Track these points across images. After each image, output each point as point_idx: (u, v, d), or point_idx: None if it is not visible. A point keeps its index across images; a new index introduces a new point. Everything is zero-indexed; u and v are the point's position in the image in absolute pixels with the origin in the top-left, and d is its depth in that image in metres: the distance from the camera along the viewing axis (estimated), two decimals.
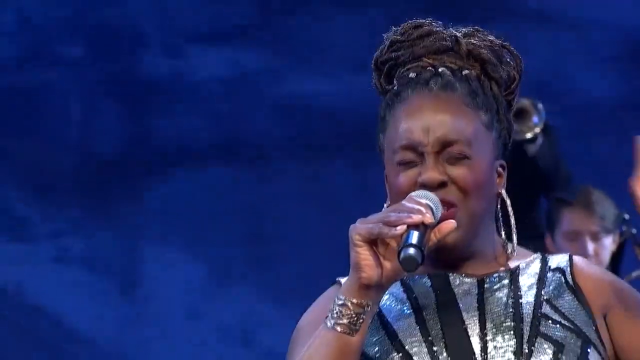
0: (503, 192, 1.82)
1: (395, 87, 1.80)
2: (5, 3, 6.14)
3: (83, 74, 6.17)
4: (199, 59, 6.09)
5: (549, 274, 1.85)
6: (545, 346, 1.79)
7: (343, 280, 1.74)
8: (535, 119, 4.52)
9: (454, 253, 1.79)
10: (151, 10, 6.19)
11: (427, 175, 1.74)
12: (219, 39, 6.20)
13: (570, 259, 1.87)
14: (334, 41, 6.01)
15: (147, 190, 5.85)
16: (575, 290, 1.85)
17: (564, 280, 1.85)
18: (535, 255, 1.88)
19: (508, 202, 1.82)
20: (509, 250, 1.84)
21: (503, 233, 1.85)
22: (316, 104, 6.05)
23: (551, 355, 1.78)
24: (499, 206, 1.83)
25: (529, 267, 1.86)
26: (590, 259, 3.85)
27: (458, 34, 1.81)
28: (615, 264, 4.11)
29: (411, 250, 1.63)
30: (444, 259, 1.80)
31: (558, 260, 1.88)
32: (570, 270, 1.86)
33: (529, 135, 4.42)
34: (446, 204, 1.74)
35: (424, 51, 1.80)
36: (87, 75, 6.25)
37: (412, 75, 1.80)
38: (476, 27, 1.84)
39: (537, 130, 4.44)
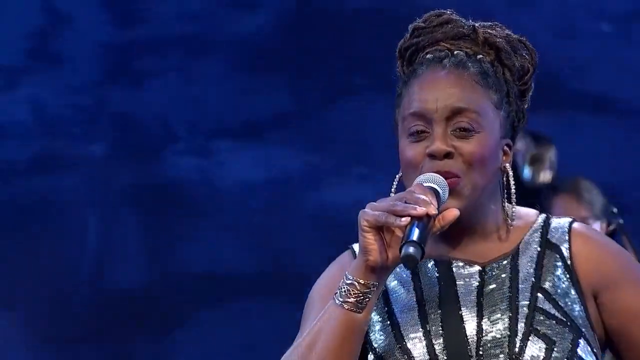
0: (507, 165, 2.00)
1: (412, 68, 2.01)
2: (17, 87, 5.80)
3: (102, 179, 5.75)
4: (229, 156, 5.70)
5: (546, 259, 2.03)
6: (538, 343, 1.98)
7: (355, 246, 1.95)
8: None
9: (458, 223, 1.95)
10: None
11: (435, 146, 1.93)
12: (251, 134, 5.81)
13: (570, 232, 2.03)
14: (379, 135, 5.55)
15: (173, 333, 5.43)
16: (571, 273, 2.03)
17: (561, 262, 2.02)
18: (538, 222, 2.05)
19: (510, 173, 2.01)
20: (510, 214, 2.02)
21: (506, 200, 2.03)
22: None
23: (544, 352, 1.97)
24: (504, 179, 2.01)
25: (529, 246, 2.03)
26: None
27: (476, 24, 2.03)
28: None
29: (411, 249, 1.82)
30: (449, 231, 1.97)
31: (558, 233, 2.04)
32: (569, 246, 2.02)
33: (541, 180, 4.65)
34: (450, 174, 1.93)
35: (442, 36, 2.02)
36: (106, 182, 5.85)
37: (429, 56, 2.00)
38: (496, 22, 2.06)
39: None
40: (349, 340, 1.98)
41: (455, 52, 2.03)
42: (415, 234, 1.86)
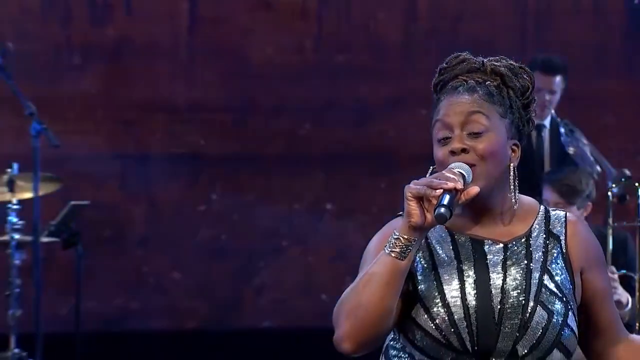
0: (512, 165, 2.59)
1: (438, 96, 2.65)
2: None
3: None
4: None
5: (550, 245, 2.64)
6: (542, 313, 2.56)
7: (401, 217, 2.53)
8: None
9: (477, 202, 2.54)
10: None
11: (454, 145, 2.54)
12: None
13: (565, 223, 2.67)
14: None
15: None
16: (566, 258, 2.64)
17: (560, 250, 2.64)
18: (540, 213, 2.67)
19: (514, 172, 2.60)
20: (514, 200, 2.61)
21: (512, 192, 2.62)
22: None
23: (545, 320, 2.55)
24: (511, 176, 2.60)
25: (538, 234, 2.64)
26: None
27: (485, 59, 2.63)
28: None
29: (442, 210, 2.42)
30: (476, 213, 2.59)
31: (557, 225, 2.67)
32: (565, 238, 2.66)
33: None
34: (468, 164, 2.53)
35: (459, 72, 2.63)
36: None
37: (449, 86, 2.63)
38: (502, 56, 2.68)
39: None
40: (393, 281, 2.51)
41: (469, 82, 2.60)
42: (446, 200, 2.42)
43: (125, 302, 8.12)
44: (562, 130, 6.38)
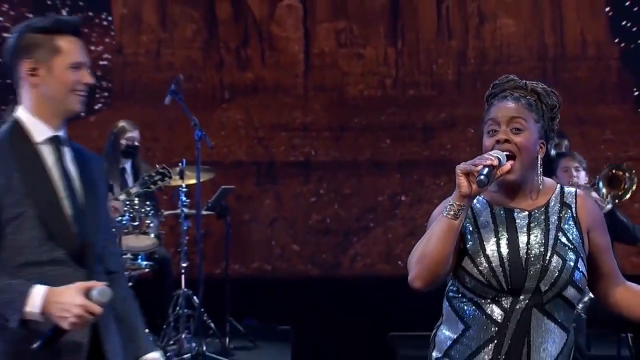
0: (540, 156, 2.86)
1: (490, 103, 2.91)
2: None
3: None
4: None
5: (563, 211, 2.88)
6: (558, 258, 2.81)
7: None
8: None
9: (514, 183, 2.84)
10: None
11: (500, 136, 2.81)
12: None
13: (575, 196, 2.93)
14: None
15: None
16: (576, 221, 2.89)
17: (571, 215, 2.89)
18: (557, 189, 2.93)
19: (540, 161, 2.88)
20: (539, 181, 2.87)
21: (538, 175, 2.88)
22: None
23: (560, 265, 2.80)
24: (539, 163, 2.86)
25: (555, 204, 2.89)
26: (573, 179, 5.77)
27: (527, 82, 2.91)
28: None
29: (482, 177, 2.69)
30: (510, 191, 2.86)
31: (569, 197, 2.92)
32: (575, 206, 2.91)
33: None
34: (509, 155, 2.79)
35: (507, 87, 2.90)
36: None
37: (500, 96, 2.89)
38: (539, 81, 2.95)
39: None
40: (449, 236, 2.75)
41: (514, 94, 2.87)
42: (485, 172, 2.70)
43: (258, 267, 8.94)
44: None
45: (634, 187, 5.91)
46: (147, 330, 3.58)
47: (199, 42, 9.21)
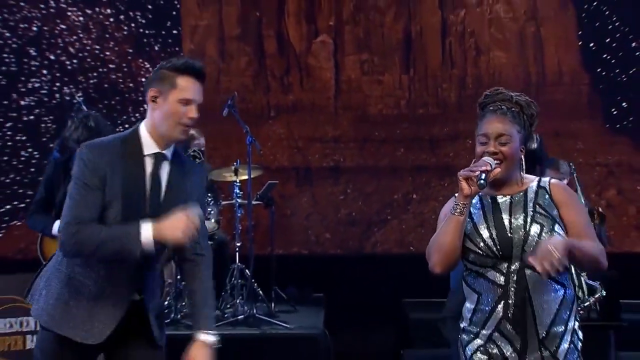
0: (522, 157, 3.24)
1: (483, 113, 3.29)
2: None
3: None
4: None
5: (540, 192, 3.25)
6: (536, 226, 3.21)
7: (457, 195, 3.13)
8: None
9: (501, 180, 3.25)
10: None
11: (489, 149, 3.20)
12: None
13: (549, 183, 3.29)
14: None
15: None
16: (551, 198, 3.27)
17: (546, 193, 3.26)
18: (535, 181, 3.29)
19: (522, 162, 3.26)
20: (523, 176, 3.25)
21: (523, 171, 3.24)
22: None
23: (539, 229, 3.19)
24: (522, 162, 3.24)
25: (532, 188, 3.25)
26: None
27: (513, 94, 3.31)
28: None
29: (482, 181, 3.10)
30: (497, 184, 3.23)
31: (545, 183, 3.28)
32: (549, 188, 3.29)
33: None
34: (498, 160, 3.19)
35: (497, 99, 3.28)
36: None
37: (490, 108, 3.30)
38: (523, 93, 3.32)
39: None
40: (458, 229, 3.16)
41: (502, 107, 3.26)
42: (483, 177, 3.12)
43: (297, 251, 9.44)
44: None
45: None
46: (214, 312, 3.64)
47: (251, 71, 9.69)
